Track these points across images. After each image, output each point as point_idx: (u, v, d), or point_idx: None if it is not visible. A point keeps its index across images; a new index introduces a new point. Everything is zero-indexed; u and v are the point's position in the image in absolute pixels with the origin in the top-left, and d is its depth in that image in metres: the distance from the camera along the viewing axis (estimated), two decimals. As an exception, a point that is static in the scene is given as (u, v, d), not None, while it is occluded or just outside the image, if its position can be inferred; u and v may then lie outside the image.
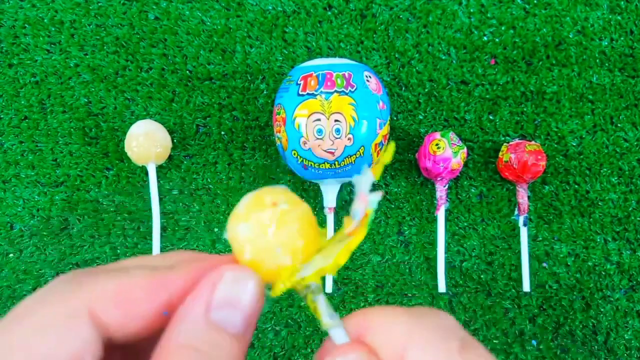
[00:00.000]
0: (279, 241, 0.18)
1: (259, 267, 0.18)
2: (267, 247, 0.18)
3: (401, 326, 0.17)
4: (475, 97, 0.50)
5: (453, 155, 0.46)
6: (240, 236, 0.18)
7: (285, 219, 0.18)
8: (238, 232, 0.18)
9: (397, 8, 0.51)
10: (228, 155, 0.51)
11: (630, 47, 0.50)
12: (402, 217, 0.50)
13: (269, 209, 0.18)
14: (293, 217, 0.18)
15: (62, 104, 0.52)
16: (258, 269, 0.18)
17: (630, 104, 0.50)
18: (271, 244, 0.18)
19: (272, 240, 0.18)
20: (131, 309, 0.16)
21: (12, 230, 0.51)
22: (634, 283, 0.48)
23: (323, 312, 0.18)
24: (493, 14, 0.51)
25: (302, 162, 0.44)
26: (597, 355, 0.48)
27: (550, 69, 0.50)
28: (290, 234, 0.18)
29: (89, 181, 0.51)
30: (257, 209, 0.18)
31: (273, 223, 0.18)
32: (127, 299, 0.16)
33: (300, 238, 0.18)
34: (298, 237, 0.18)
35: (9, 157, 0.52)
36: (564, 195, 0.49)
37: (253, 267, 0.18)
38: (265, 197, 0.18)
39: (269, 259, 0.18)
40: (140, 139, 0.48)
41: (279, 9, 0.51)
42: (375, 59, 0.51)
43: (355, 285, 0.49)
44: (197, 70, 0.51)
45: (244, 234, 0.18)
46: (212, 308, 0.16)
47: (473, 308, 0.49)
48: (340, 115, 0.42)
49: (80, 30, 0.52)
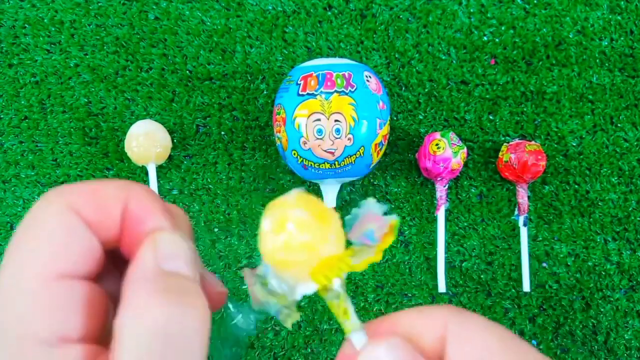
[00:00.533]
0: (334, 230, 0.19)
1: (310, 252, 0.19)
2: (323, 232, 0.19)
3: (438, 313, 0.18)
4: (475, 97, 0.50)
5: (453, 155, 0.46)
6: (295, 220, 0.19)
7: (331, 213, 0.19)
8: (292, 216, 0.19)
9: (397, 8, 0.51)
10: (228, 155, 0.51)
11: (630, 47, 0.50)
12: (402, 217, 0.50)
13: (317, 203, 0.19)
14: (336, 214, 0.20)
15: (62, 104, 0.52)
16: (309, 254, 0.19)
17: (630, 104, 0.50)
18: (326, 231, 0.19)
19: (327, 227, 0.19)
20: (104, 205, 0.18)
21: (12, 230, 0.51)
22: (634, 283, 0.48)
23: (352, 314, 0.19)
24: (493, 14, 0.51)
25: (302, 162, 0.44)
26: (597, 355, 0.48)
27: (550, 69, 0.50)
28: (340, 226, 0.19)
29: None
30: (307, 201, 0.19)
31: (323, 215, 0.19)
32: (100, 196, 0.18)
33: (341, 234, 0.19)
34: (340, 232, 0.19)
35: (9, 157, 0.52)
36: (564, 195, 0.49)
37: (303, 252, 0.19)
38: (309, 195, 0.19)
39: (321, 246, 0.19)
40: (140, 139, 0.48)
41: (279, 9, 0.51)
42: (375, 59, 0.51)
43: (355, 285, 0.49)
44: (197, 70, 0.51)
45: (299, 218, 0.19)
46: (160, 260, 0.17)
47: (473, 308, 0.49)
48: (340, 115, 0.42)
49: (80, 30, 0.52)
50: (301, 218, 0.18)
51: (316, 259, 0.19)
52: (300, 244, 0.18)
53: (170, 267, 0.17)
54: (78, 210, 0.18)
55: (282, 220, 0.19)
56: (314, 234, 0.18)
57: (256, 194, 0.51)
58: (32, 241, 0.17)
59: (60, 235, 0.17)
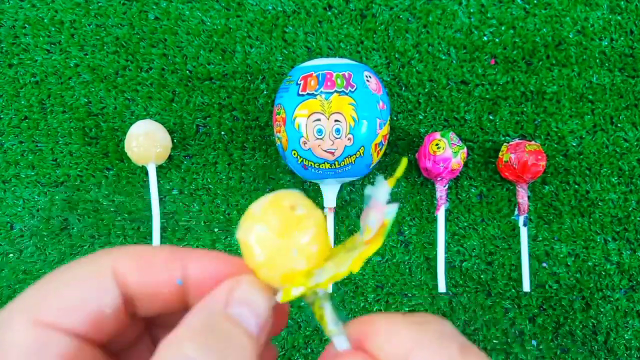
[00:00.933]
0: (296, 244, 0.18)
1: (271, 269, 0.18)
2: (283, 249, 0.18)
3: (404, 332, 0.17)
4: (475, 97, 0.50)
5: (453, 155, 0.46)
6: (256, 237, 0.18)
7: (303, 224, 0.18)
8: (253, 233, 0.18)
9: (397, 8, 0.51)
10: (228, 155, 0.51)
11: (630, 47, 0.50)
12: (402, 217, 0.50)
13: (288, 211, 0.18)
14: (310, 223, 0.18)
15: (62, 104, 0.52)
16: (271, 270, 0.18)
17: (630, 104, 0.50)
18: (288, 247, 0.18)
19: (288, 242, 0.18)
20: (149, 271, 0.18)
21: (12, 230, 0.51)
22: (634, 283, 0.48)
23: (329, 320, 0.19)
24: (493, 14, 0.51)
25: (302, 162, 0.44)
26: (597, 355, 0.48)
27: (550, 69, 0.50)
28: (307, 239, 0.18)
29: (89, 181, 0.51)
30: (275, 211, 0.18)
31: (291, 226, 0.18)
32: (147, 263, 0.18)
33: (315, 243, 0.18)
34: (313, 242, 0.18)
35: (9, 157, 0.52)
36: (564, 195, 0.49)
37: (266, 268, 0.18)
38: (283, 200, 0.18)
39: (283, 262, 0.18)
40: (140, 139, 0.48)
41: (279, 9, 0.51)
42: (375, 59, 0.51)
43: (355, 285, 0.49)
44: (197, 70, 0.51)
45: (260, 235, 0.18)
46: (230, 303, 0.17)
47: (473, 308, 0.49)
48: (340, 115, 0.42)
49: (80, 30, 0.52)
50: (261, 234, 0.18)
51: (278, 275, 0.18)
52: (261, 262, 0.18)
53: (234, 311, 0.17)
54: (117, 271, 0.17)
55: (245, 236, 0.18)
56: (271, 251, 0.18)
57: (256, 194, 0.51)
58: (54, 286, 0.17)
59: (78, 295, 0.17)
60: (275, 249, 0.18)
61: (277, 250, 0.18)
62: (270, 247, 0.18)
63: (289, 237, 0.18)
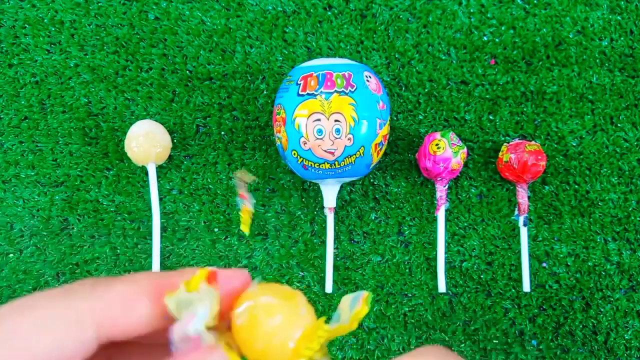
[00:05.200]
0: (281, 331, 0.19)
1: None
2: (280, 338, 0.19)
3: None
4: (475, 97, 0.50)
5: (453, 155, 0.46)
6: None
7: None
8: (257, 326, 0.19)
9: (397, 8, 0.51)
10: (228, 155, 0.51)
11: (630, 47, 0.50)
12: (402, 217, 0.50)
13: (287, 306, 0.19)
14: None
15: (62, 104, 0.52)
16: (288, 332, 0.19)
17: (630, 104, 0.50)
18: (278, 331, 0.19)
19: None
20: (136, 315, 0.17)
21: (12, 230, 0.51)
22: (634, 283, 0.48)
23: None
24: (493, 14, 0.51)
25: (302, 162, 0.44)
26: (597, 355, 0.48)
27: (550, 69, 0.50)
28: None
29: (89, 181, 0.51)
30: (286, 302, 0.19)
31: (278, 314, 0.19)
32: (133, 307, 0.17)
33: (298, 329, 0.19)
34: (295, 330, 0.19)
35: (9, 157, 0.52)
36: (564, 195, 0.49)
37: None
38: (300, 305, 0.20)
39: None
40: (140, 139, 0.48)
41: (279, 9, 0.51)
42: (375, 59, 0.51)
43: (355, 285, 0.49)
44: (197, 70, 0.51)
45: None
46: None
47: (473, 308, 0.49)
48: (340, 115, 0.42)
49: (80, 30, 0.52)
50: (269, 303, 0.19)
51: (292, 337, 0.19)
52: (274, 327, 0.19)
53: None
54: (100, 321, 0.16)
55: (251, 311, 0.19)
56: (285, 313, 0.19)
57: (256, 194, 0.51)
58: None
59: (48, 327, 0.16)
60: (285, 310, 0.19)
61: (287, 311, 0.19)
62: (280, 310, 0.19)
63: (293, 300, 0.19)
